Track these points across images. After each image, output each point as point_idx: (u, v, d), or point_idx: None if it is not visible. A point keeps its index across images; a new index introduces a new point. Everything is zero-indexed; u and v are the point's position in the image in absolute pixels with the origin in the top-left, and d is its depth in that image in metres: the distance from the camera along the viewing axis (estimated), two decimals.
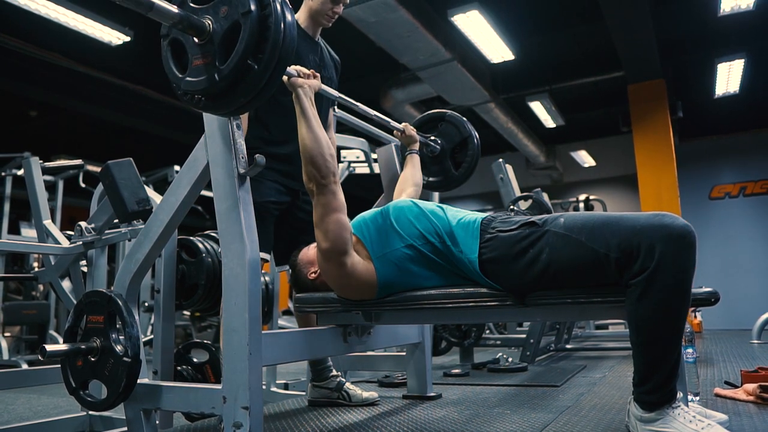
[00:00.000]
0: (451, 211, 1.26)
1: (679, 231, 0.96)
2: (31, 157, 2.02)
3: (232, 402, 1.01)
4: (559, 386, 1.93)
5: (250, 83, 0.92)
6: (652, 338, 0.99)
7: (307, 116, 1.19)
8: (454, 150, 1.84)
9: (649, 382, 1.01)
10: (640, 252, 0.97)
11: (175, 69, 0.98)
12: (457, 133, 1.82)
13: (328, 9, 1.57)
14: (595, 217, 1.06)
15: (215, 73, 0.91)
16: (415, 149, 1.69)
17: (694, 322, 4.87)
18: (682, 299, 0.97)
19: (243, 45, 0.89)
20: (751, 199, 6.47)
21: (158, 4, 0.87)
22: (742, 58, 4.98)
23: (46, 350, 1.12)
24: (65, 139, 7.14)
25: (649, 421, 1.02)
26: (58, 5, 3.66)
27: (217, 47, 0.92)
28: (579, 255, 1.03)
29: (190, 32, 0.93)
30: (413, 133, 1.69)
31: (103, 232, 1.69)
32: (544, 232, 1.08)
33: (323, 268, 1.24)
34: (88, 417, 1.66)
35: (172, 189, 1.21)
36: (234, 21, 0.90)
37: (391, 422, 1.38)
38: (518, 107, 6.31)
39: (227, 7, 0.92)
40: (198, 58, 0.94)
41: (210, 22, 0.93)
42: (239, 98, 0.94)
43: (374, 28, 3.95)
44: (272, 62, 0.91)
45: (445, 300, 1.18)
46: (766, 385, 1.47)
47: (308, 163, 1.18)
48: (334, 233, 1.17)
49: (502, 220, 1.18)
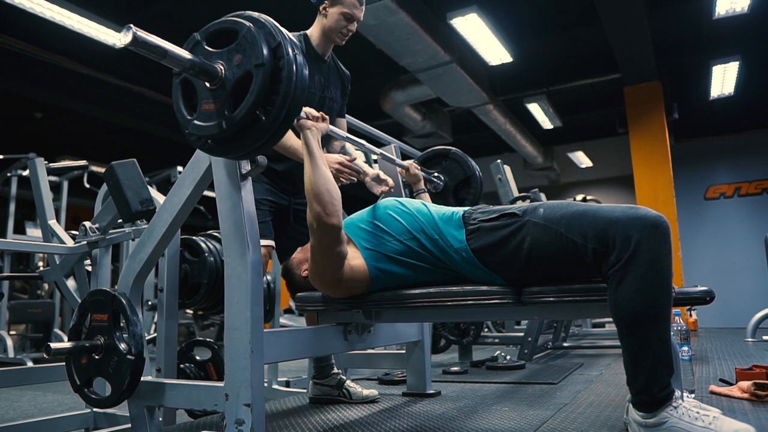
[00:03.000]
0: (433, 207, 1.29)
1: (652, 221, 0.99)
2: (36, 158, 2.03)
3: (235, 399, 1.02)
4: (557, 384, 1.95)
5: (258, 133, 0.92)
6: (631, 328, 0.99)
7: (314, 156, 1.19)
8: (457, 187, 1.86)
9: (637, 377, 1.00)
10: (616, 242, 0.99)
11: (185, 110, 0.98)
12: (461, 170, 1.84)
13: (342, 27, 1.55)
14: (574, 207, 1.08)
15: (223, 120, 0.91)
16: (422, 188, 1.69)
17: (690, 320, 4.90)
18: (660, 287, 0.98)
19: (254, 96, 0.89)
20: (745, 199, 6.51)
21: (171, 50, 0.86)
22: (736, 60, 5.02)
23: (51, 348, 1.12)
24: (70, 141, 7.14)
25: (653, 426, 0.99)
26: (62, 8, 3.67)
27: (228, 94, 0.92)
28: (558, 245, 1.06)
29: (201, 78, 0.93)
30: (417, 171, 1.69)
31: (107, 232, 1.71)
32: (524, 223, 1.10)
33: (317, 286, 1.26)
34: (92, 414, 1.67)
35: (175, 189, 1.22)
36: (246, 71, 0.90)
37: (391, 419, 1.39)
38: (516, 109, 6.35)
39: (241, 57, 0.91)
40: (208, 102, 0.94)
41: (222, 68, 0.93)
42: (247, 145, 0.95)
43: (374, 31, 3.97)
44: (281, 114, 0.91)
45: (444, 298, 1.19)
46: (760, 383, 1.48)
47: (313, 200, 1.17)
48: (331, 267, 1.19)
49: (481, 212, 1.20)
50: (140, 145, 7.09)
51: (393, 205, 1.29)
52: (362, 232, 1.27)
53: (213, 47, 0.95)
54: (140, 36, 0.81)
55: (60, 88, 5.21)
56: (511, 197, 3.13)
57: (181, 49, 0.90)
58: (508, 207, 1.18)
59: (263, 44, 0.90)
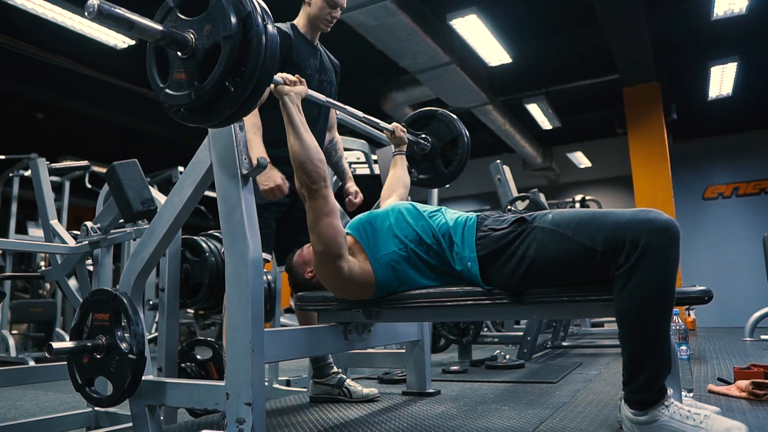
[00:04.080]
0: (448, 211, 1.28)
1: (663, 224, 0.97)
2: (38, 158, 2.04)
3: (235, 398, 1.02)
4: (556, 383, 1.96)
5: (228, 103, 0.92)
6: (635, 331, 0.99)
7: (294, 123, 1.18)
8: (444, 148, 1.84)
9: (638, 379, 1.00)
10: (625, 245, 0.98)
11: (158, 77, 0.97)
12: (448, 131, 1.82)
13: (326, 14, 1.58)
14: (582, 213, 1.08)
15: (192, 91, 0.91)
16: (403, 150, 1.68)
17: (688, 320, 4.91)
18: (665, 292, 0.98)
19: (221, 68, 0.88)
20: (743, 199, 6.53)
21: (139, 21, 0.85)
22: (735, 61, 5.04)
23: (52, 347, 1.13)
24: (71, 141, 7.15)
25: (645, 423, 1.00)
26: (64, 9, 3.68)
27: (198, 65, 0.91)
28: (566, 249, 1.04)
29: (173, 47, 0.92)
30: (402, 135, 1.68)
31: (108, 232, 1.71)
32: (532, 228, 1.10)
33: (319, 271, 1.24)
34: (93, 413, 1.67)
35: (176, 189, 1.23)
36: (215, 42, 0.89)
37: (391, 418, 1.40)
38: (515, 109, 6.36)
39: (210, 27, 0.90)
40: (179, 72, 0.93)
41: (193, 37, 0.92)
42: (218, 115, 0.94)
43: (374, 32, 3.98)
44: (250, 85, 0.90)
45: (444, 298, 1.20)
46: (758, 382, 1.49)
47: (298, 169, 1.17)
48: (327, 237, 1.17)
49: (494, 219, 1.19)
50: (141, 146, 7.10)
51: (407, 209, 1.28)
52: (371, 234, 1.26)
53: (186, 15, 0.94)
54: (105, 8, 0.80)
55: (61, 88, 5.23)
56: (511, 197, 3.14)
57: (149, 21, 0.89)
58: (519, 214, 1.17)
59: (232, 14, 0.88)
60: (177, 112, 0.96)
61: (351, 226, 1.30)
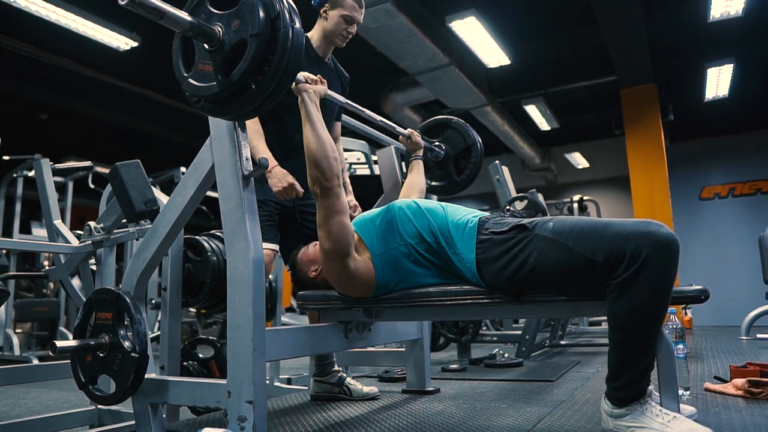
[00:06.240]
0: (450, 209, 1.28)
1: (664, 238, 0.97)
2: (42, 159, 2.05)
3: (237, 396, 1.03)
4: (554, 381, 1.97)
5: (249, 99, 0.93)
6: (626, 338, 1.01)
7: (312, 119, 1.21)
8: (457, 156, 1.87)
9: (621, 379, 1.03)
10: (626, 256, 0.98)
11: (182, 66, 0.99)
12: (462, 140, 1.86)
13: (342, 29, 1.58)
14: (583, 222, 1.08)
15: (216, 83, 0.92)
16: (419, 155, 1.71)
17: (685, 318, 4.93)
18: (659, 305, 0.99)
19: (246, 65, 0.89)
20: (740, 199, 6.56)
21: (170, 11, 0.87)
22: (731, 62, 5.06)
23: (56, 346, 1.13)
24: (75, 142, 7.14)
25: (619, 416, 1.04)
26: (67, 11, 3.69)
27: (223, 58, 0.92)
28: (566, 259, 1.05)
29: (200, 39, 0.94)
30: (419, 140, 1.71)
31: (111, 232, 1.72)
32: (533, 236, 1.10)
33: (326, 267, 1.26)
34: (97, 411, 1.67)
35: (178, 190, 1.24)
36: (242, 39, 0.90)
37: (391, 416, 1.41)
38: (514, 110, 6.38)
39: (239, 22, 0.91)
40: (205, 63, 0.95)
41: (221, 30, 0.93)
42: (238, 109, 0.96)
43: (374, 34, 4.00)
44: (272, 83, 0.92)
45: (444, 297, 1.21)
46: (754, 380, 1.50)
47: (313, 166, 1.19)
48: (337, 235, 1.19)
49: (495, 222, 1.20)
50: (144, 146, 7.10)
51: (408, 205, 1.30)
52: (374, 231, 1.27)
53: (216, 8, 0.95)
54: None
55: (65, 90, 5.23)
56: (509, 197, 3.16)
57: (179, 11, 0.90)
58: (520, 219, 1.18)
59: (261, 12, 0.89)
60: (198, 101, 0.97)
61: (356, 223, 1.32)
